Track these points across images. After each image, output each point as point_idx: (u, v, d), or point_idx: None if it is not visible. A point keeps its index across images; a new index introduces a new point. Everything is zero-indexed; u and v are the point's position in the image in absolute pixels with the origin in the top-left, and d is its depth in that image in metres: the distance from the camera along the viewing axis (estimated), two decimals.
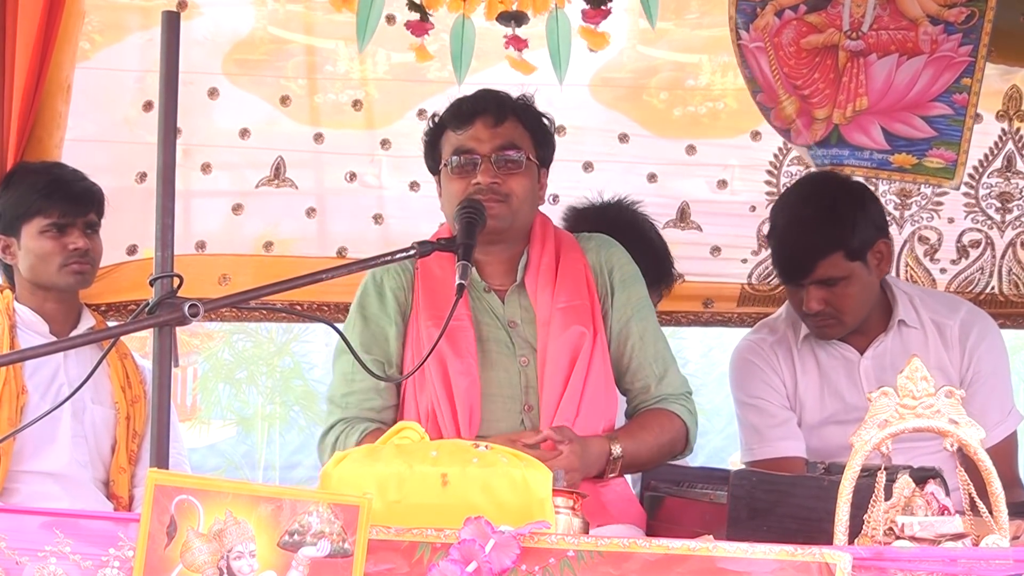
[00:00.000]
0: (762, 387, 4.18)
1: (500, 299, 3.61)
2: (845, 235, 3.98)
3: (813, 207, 4.04)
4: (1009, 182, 4.90)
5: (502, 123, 3.59)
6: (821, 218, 3.99)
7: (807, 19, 4.62)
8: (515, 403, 3.53)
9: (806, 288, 4.00)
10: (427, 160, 3.72)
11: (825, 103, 4.65)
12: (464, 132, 3.58)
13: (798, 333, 4.19)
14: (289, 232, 4.80)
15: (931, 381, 2.54)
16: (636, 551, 2.35)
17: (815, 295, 4.00)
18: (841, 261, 3.97)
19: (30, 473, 3.97)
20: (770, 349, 4.21)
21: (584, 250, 3.69)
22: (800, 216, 4.05)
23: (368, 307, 3.61)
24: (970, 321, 4.16)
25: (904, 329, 4.13)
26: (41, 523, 2.40)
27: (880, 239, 4.06)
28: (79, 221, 4.06)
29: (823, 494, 2.72)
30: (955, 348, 4.13)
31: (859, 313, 4.07)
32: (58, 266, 4.03)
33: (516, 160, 3.57)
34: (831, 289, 4.00)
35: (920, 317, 4.14)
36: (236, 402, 13.53)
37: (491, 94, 3.66)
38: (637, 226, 4.42)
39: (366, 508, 2.34)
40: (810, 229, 3.99)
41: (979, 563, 2.38)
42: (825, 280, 3.98)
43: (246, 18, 4.66)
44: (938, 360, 4.09)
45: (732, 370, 4.33)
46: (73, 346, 3.70)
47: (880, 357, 4.10)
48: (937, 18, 4.56)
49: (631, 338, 3.64)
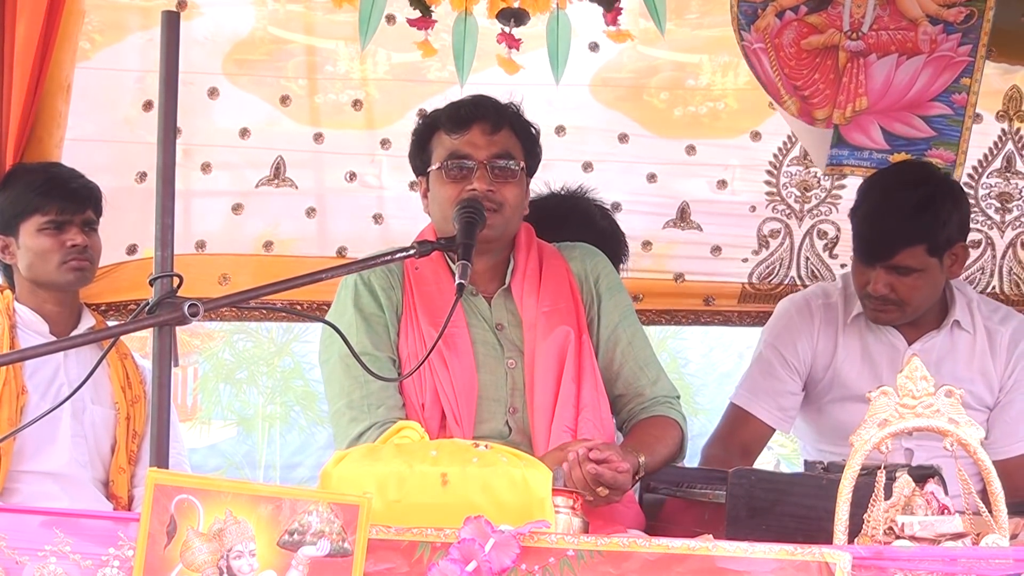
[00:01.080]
0: (788, 343, 4.22)
1: (487, 303, 3.60)
2: (935, 230, 3.99)
3: (910, 194, 4.02)
4: (1009, 182, 4.90)
5: (499, 131, 3.58)
6: (916, 207, 3.98)
7: (807, 20, 4.61)
8: (500, 405, 3.51)
9: (876, 270, 4.01)
10: (413, 159, 3.69)
11: (825, 103, 4.65)
12: (461, 136, 3.56)
13: (850, 308, 4.21)
14: (289, 232, 4.81)
15: (931, 381, 2.54)
16: (636, 551, 2.35)
17: (884, 279, 4.00)
18: (922, 254, 3.98)
19: (30, 473, 3.97)
20: (818, 310, 4.24)
21: (568, 259, 3.69)
22: (896, 199, 4.03)
23: (366, 307, 3.58)
24: (1021, 331, 4.19)
25: (957, 331, 4.16)
26: (41, 522, 2.40)
27: (960, 242, 4.08)
28: (77, 218, 4.05)
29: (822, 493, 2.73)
30: (1001, 355, 4.16)
31: (920, 307, 4.08)
32: (57, 263, 4.03)
33: (511, 169, 3.55)
34: (901, 278, 4.00)
35: (974, 321, 4.18)
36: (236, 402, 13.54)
37: (488, 100, 3.64)
38: (579, 211, 4.40)
39: (366, 508, 2.35)
40: (903, 215, 3.98)
41: (979, 562, 2.38)
42: (900, 267, 3.99)
43: (246, 18, 4.66)
44: (982, 365, 4.14)
45: (773, 317, 4.35)
46: (73, 346, 3.70)
47: (927, 352, 4.10)
48: (936, 18, 4.56)
49: (620, 343, 3.64)
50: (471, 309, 3.57)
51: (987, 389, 4.14)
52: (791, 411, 4.25)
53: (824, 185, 4.88)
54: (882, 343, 4.17)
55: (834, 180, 4.86)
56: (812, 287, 4.45)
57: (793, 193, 4.91)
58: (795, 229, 4.93)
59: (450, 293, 3.51)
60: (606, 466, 3.18)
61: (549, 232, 3.82)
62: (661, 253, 4.93)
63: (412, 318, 3.56)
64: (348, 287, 3.62)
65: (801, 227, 4.94)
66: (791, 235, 4.94)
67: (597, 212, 4.47)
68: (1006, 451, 4.09)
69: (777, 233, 4.94)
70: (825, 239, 4.92)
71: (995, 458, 4.06)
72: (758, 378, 4.26)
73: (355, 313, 3.57)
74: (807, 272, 4.95)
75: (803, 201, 4.92)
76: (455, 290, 3.29)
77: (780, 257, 4.94)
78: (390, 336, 3.56)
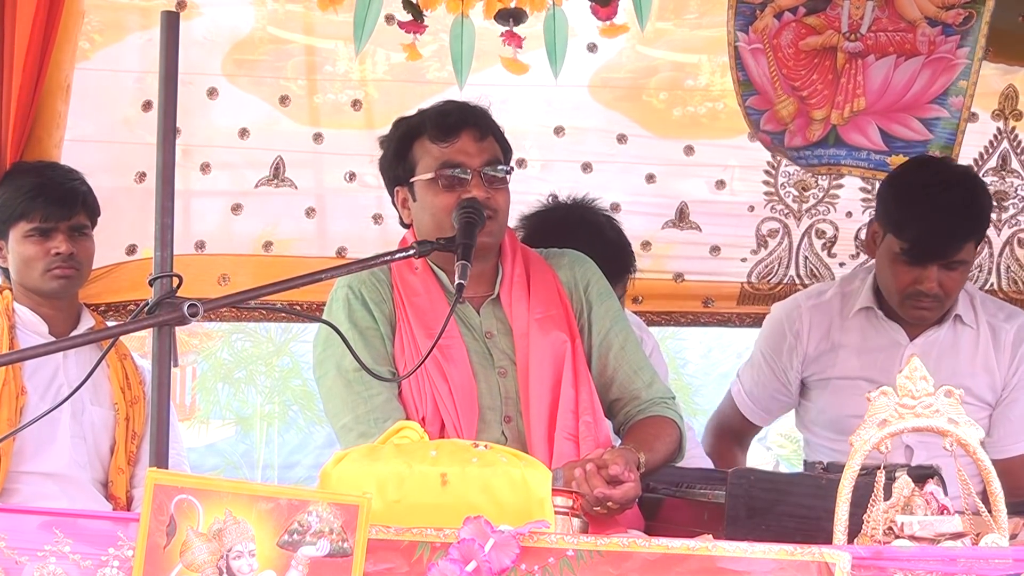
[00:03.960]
0: (776, 353, 4.33)
1: (475, 311, 3.57)
2: (983, 223, 4.14)
3: (957, 192, 4.07)
4: (1004, 181, 4.91)
5: (486, 137, 3.53)
6: (966, 203, 4.05)
7: (806, 21, 4.62)
8: (495, 414, 3.48)
9: (929, 269, 4.03)
10: (392, 169, 3.59)
11: (823, 104, 4.66)
12: (451, 145, 3.49)
13: (850, 305, 4.25)
14: (288, 232, 4.80)
15: (930, 381, 2.54)
16: (635, 551, 2.35)
17: (938, 276, 4.04)
18: (972, 247, 4.08)
19: (29, 474, 3.96)
20: (807, 311, 4.29)
21: (556, 267, 3.65)
22: (947, 199, 4.05)
23: (360, 321, 3.51)
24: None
25: (959, 326, 4.19)
26: (40, 523, 2.40)
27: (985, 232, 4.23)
28: (63, 225, 4.01)
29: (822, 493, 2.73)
30: (1006, 352, 4.18)
31: (955, 298, 4.16)
32: (41, 271, 4.01)
33: (502, 176, 3.52)
34: (950, 273, 4.05)
35: (977, 317, 4.21)
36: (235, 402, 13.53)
37: (470, 107, 3.58)
38: (588, 222, 4.40)
39: (365, 508, 2.35)
40: (959, 213, 4.04)
41: (978, 562, 2.38)
42: (954, 263, 4.04)
43: (246, 18, 4.66)
44: (985, 361, 4.16)
45: (767, 320, 4.47)
46: (72, 346, 3.69)
47: (929, 347, 4.12)
48: (935, 19, 4.57)
49: (612, 348, 3.62)
50: (460, 317, 3.52)
51: (989, 386, 4.15)
52: (776, 412, 4.50)
53: (822, 185, 4.88)
54: (883, 338, 4.19)
55: (832, 180, 4.86)
56: (804, 290, 4.50)
57: (791, 193, 4.91)
58: (793, 229, 4.94)
59: (440, 301, 3.50)
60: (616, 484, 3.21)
61: (557, 243, 3.81)
62: (660, 253, 4.94)
63: (406, 330, 3.50)
64: (340, 300, 3.55)
65: (799, 227, 4.94)
66: (790, 235, 4.94)
67: (605, 223, 4.47)
68: (1009, 449, 4.10)
69: (776, 233, 4.94)
70: (823, 238, 4.93)
71: (998, 457, 4.13)
72: (750, 378, 4.43)
73: (351, 327, 3.48)
74: (806, 271, 4.95)
75: (801, 201, 4.92)
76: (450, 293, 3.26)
77: (779, 257, 4.95)
78: (387, 348, 3.53)
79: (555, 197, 4.50)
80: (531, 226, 4.37)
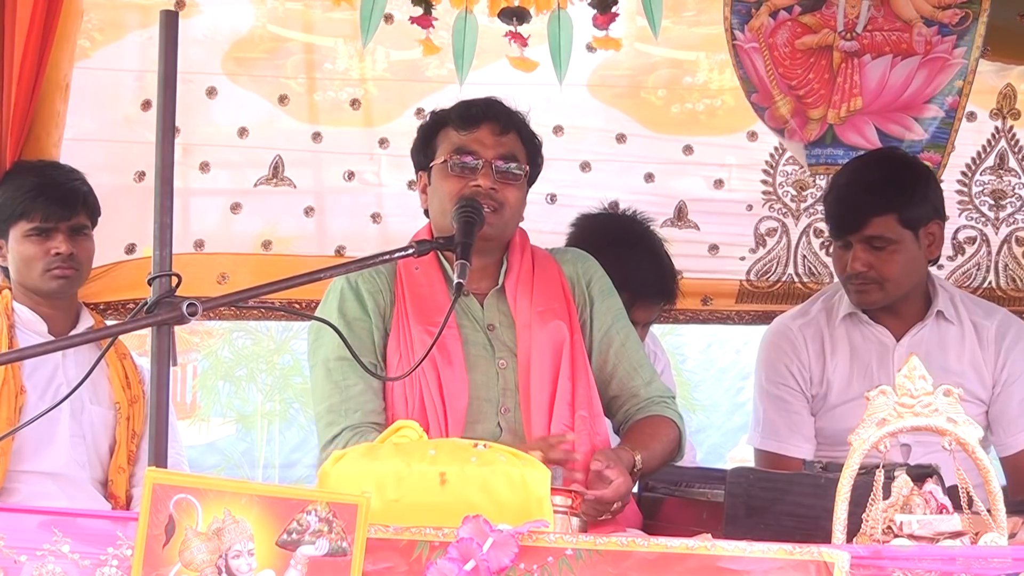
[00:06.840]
0: (785, 373, 4.22)
1: (479, 303, 3.60)
2: (903, 200, 4.04)
3: (877, 170, 4.10)
4: (1002, 179, 4.92)
5: (507, 133, 3.57)
6: (884, 180, 4.05)
7: (801, 20, 4.62)
8: (492, 405, 3.49)
9: (853, 248, 4.04)
10: (417, 154, 3.68)
11: (820, 103, 4.66)
12: (469, 134, 3.55)
13: (833, 316, 4.22)
14: (288, 231, 4.81)
15: (929, 380, 2.54)
16: (635, 550, 2.35)
17: (861, 256, 4.03)
18: (894, 224, 4.02)
19: (29, 473, 3.96)
20: (798, 332, 4.24)
21: (560, 263, 3.68)
22: (863, 175, 4.10)
23: (349, 312, 3.54)
24: (1007, 324, 4.21)
25: (942, 322, 4.17)
26: (40, 522, 2.40)
27: (935, 219, 4.11)
28: (63, 225, 4.01)
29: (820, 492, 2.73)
30: (990, 348, 4.17)
31: (902, 284, 4.09)
32: (40, 271, 4.01)
33: (515, 172, 3.55)
34: (877, 253, 4.03)
35: (959, 314, 4.19)
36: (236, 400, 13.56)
37: (499, 103, 3.63)
38: (647, 240, 4.43)
39: (364, 507, 2.35)
40: (871, 187, 4.04)
41: (977, 561, 2.38)
42: (874, 239, 4.02)
43: (245, 16, 4.66)
44: (972, 357, 4.15)
45: (760, 352, 4.36)
46: (72, 345, 3.69)
47: (916, 346, 4.11)
48: (931, 19, 4.57)
49: (613, 344, 3.63)
50: (462, 309, 3.55)
51: (979, 383, 4.15)
52: (812, 436, 4.23)
53: (820, 184, 4.88)
54: (870, 341, 4.18)
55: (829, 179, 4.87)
56: (787, 312, 4.40)
57: (789, 192, 4.92)
58: (791, 227, 4.95)
59: (443, 294, 3.52)
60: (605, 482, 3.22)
61: (615, 250, 3.85)
62: None
63: (403, 320, 3.53)
64: (335, 291, 3.60)
65: (798, 225, 4.96)
66: (788, 233, 4.95)
67: (661, 244, 4.48)
68: (1012, 445, 4.10)
69: (774, 231, 4.95)
70: (821, 237, 4.94)
71: (1003, 454, 4.12)
72: (775, 418, 4.23)
73: (339, 318, 3.52)
74: (804, 270, 4.96)
75: (799, 200, 4.94)
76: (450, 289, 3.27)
77: (777, 255, 4.95)
78: (373, 341, 3.54)
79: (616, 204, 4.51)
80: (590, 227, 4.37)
